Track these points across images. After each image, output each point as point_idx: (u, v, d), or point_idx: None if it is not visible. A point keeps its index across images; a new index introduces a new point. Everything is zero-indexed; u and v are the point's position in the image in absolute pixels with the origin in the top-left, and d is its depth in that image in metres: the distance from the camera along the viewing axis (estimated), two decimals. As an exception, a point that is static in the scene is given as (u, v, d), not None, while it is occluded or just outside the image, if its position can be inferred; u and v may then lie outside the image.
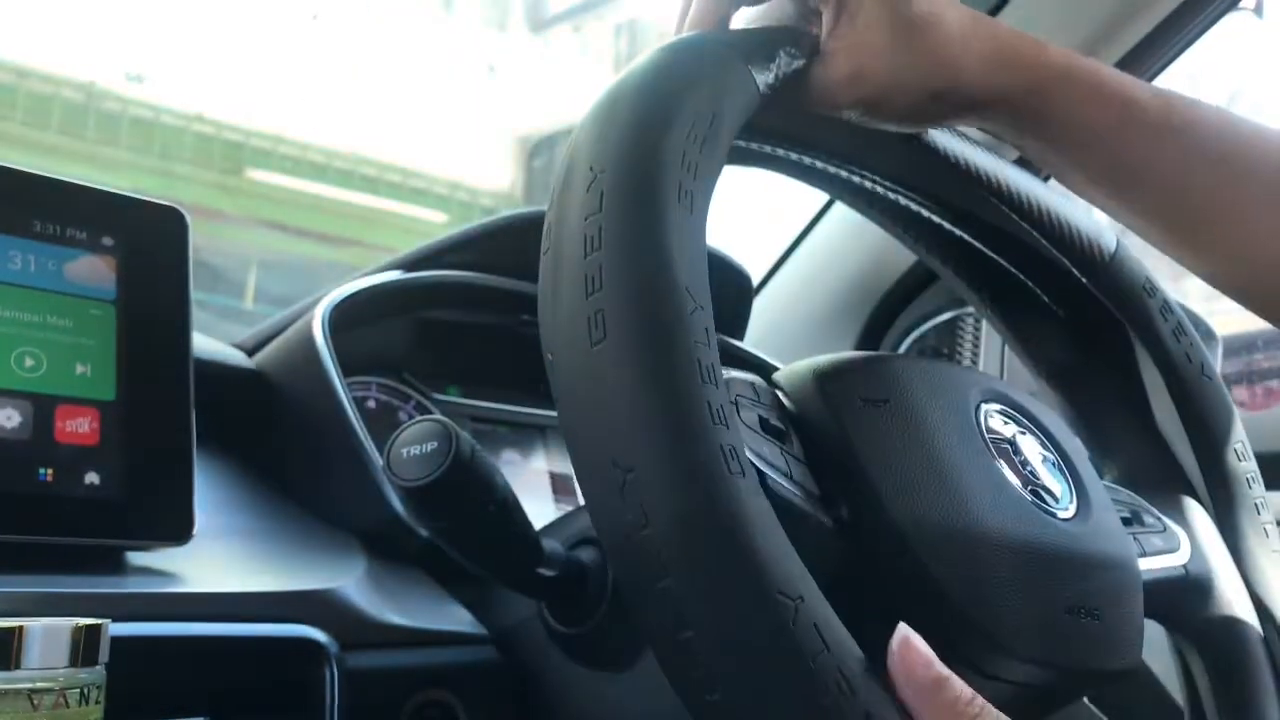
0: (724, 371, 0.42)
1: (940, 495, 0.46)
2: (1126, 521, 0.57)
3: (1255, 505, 0.63)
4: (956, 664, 0.46)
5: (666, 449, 0.37)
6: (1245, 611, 0.60)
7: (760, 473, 0.43)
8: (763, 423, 0.46)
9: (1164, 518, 0.60)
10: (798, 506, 0.44)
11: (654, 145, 0.41)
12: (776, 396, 0.48)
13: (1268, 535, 0.63)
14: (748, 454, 0.42)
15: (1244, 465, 0.63)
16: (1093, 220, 0.60)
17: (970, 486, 0.48)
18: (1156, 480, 0.63)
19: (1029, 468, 0.52)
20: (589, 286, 0.39)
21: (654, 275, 0.39)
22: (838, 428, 0.47)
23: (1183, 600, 0.58)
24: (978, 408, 0.52)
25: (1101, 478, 0.58)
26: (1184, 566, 0.58)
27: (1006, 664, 0.47)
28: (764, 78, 0.47)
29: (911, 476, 0.46)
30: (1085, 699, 0.72)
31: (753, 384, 0.48)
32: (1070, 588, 0.49)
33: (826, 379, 0.48)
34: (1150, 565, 0.56)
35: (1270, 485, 0.65)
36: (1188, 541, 0.60)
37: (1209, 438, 0.62)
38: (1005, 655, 0.46)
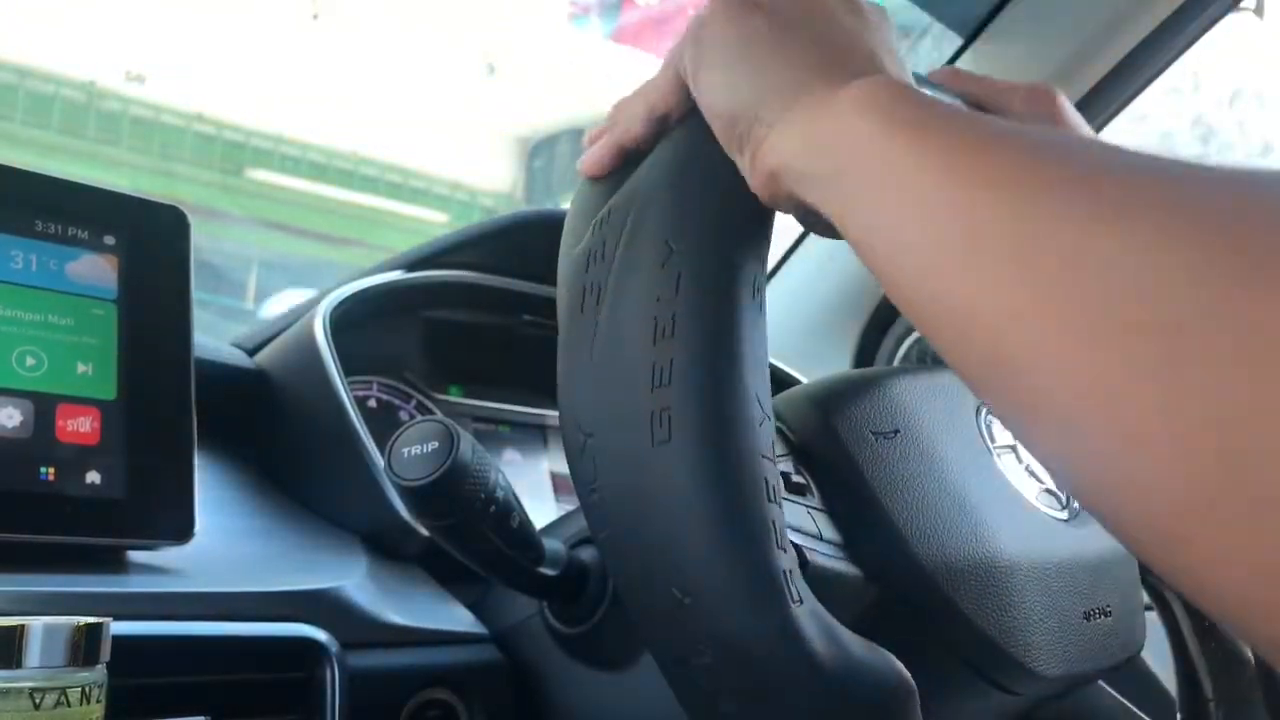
0: None
1: (961, 527, 0.47)
2: None
3: None
4: (985, 687, 0.47)
5: (728, 578, 0.35)
6: None
7: (799, 549, 0.42)
8: (786, 481, 0.44)
9: None
10: (831, 569, 0.44)
11: (737, 234, 0.38)
12: (781, 431, 0.47)
13: None
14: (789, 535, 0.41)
15: None
16: None
17: (987, 511, 0.48)
18: None
19: (1031, 470, 0.53)
20: (656, 378, 0.36)
21: (728, 383, 0.36)
22: (853, 470, 0.46)
23: None
24: (978, 411, 0.53)
25: None
26: None
27: (1034, 683, 0.47)
28: None
29: (932, 512, 0.46)
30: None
31: None
32: (1085, 593, 0.50)
33: (832, 411, 0.48)
34: None
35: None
36: None
37: None
38: (1034, 677, 0.47)
